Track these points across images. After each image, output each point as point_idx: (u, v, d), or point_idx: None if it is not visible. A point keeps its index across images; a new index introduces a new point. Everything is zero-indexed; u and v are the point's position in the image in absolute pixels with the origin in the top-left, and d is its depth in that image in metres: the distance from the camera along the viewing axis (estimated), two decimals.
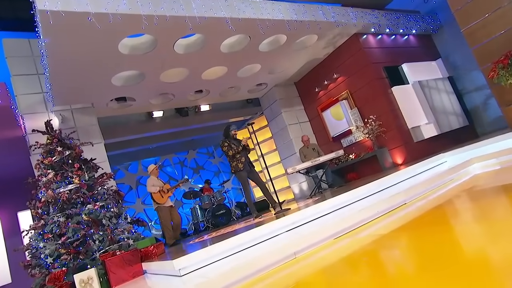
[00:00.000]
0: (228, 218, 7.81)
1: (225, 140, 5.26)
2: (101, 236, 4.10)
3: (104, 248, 4.10)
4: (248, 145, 5.27)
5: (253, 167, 5.32)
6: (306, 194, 8.48)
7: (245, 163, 5.15)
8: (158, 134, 8.77)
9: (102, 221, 4.23)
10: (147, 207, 9.49)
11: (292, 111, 8.99)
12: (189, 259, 2.88)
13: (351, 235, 3.30)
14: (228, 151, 5.13)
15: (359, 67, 7.41)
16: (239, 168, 5.12)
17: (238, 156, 5.16)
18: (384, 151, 7.14)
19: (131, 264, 4.06)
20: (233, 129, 5.35)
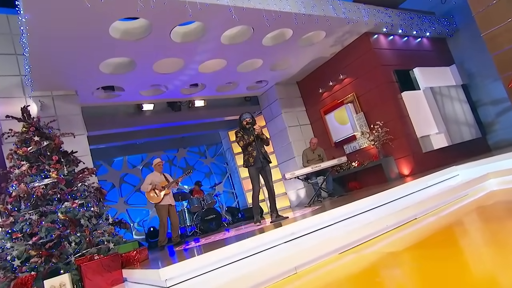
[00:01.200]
0: (218, 224, 7.67)
1: (238, 130, 4.93)
2: (78, 237, 3.92)
3: (81, 252, 3.93)
4: (262, 134, 4.88)
5: (269, 163, 4.92)
6: (303, 202, 8.36)
7: (257, 157, 4.79)
8: (147, 128, 8.62)
9: (80, 221, 4.06)
10: (130, 208, 9.28)
11: (293, 112, 8.90)
12: (177, 268, 2.73)
13: (356, 251, 3.17)
14: (239, 142, 4.84)
15: (367, 69, 7.34)
16: (249, 163, 4.82)
17: (250, 149, 4.84)
18: (390, 161, 7.06)
19: (110, 271, 3.89)
20: (245, 118, 4.91)
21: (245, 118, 4.93)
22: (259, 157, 4.78)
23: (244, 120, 4.93)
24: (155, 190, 5.81)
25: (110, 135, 8.30)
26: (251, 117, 4.98)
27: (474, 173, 4.94)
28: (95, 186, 4.68)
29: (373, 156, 7.40)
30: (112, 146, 9.16)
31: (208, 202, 7.93)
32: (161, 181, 5.91)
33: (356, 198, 5.58)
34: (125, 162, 9.60)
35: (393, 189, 4.42)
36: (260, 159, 4.78)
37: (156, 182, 5.89)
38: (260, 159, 4.78)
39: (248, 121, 4.91)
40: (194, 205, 7.81)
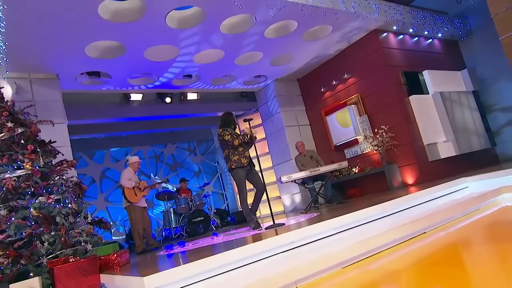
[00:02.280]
0: (206, 227, 7.55)
1: (226, 130, 4.93)
2: (52, 237, 3.73)
3: (54, 253, 3.73)
4: (256, 137, 4.97)
5: (254, 166, 4.98)
6: (299, 208, 8.28)
7: (249, 158, 4.87)
8: (134, 120, 8.45)
9: (56, 219, 3.86)
10: (110, 205, 9.06)
11: (292, 111, 8.82)
12: (164, 277, 2.58)
13: (360, 266, 3.06)
14: (234, 140, 4.79)
15: (374, 69, 7.28)
16: (241, 164, 4.79)
17: (241, 149, 4.87)
18: (394, 168, 7.01)
19: (87, 275, 3.69)
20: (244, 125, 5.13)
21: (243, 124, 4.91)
22: (250, 160, 4.86)
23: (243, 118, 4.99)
24: (135, 189, 5.66)
25: (93, 125, 8.12)
26: None
27: (484, 186, 4.89)
28: (74, 181, 4.49)
29: (376, 163, 7.33)
30: (94, 137, 8.95)
31: (196, 203, 7.79)
32: (136, 180, 5.76)
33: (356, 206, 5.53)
34: (108, 156, 9.39)
35: (399, 198, 4.34)
36: (249, 161, 4.87)
37: (135, 180, 5.75)
38: (249, 161, 4.87)
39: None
40: (181, 205, 7.64)
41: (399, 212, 4.28)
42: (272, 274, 2.82)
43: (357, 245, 3.32)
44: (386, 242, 3.26)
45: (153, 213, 9.39)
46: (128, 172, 5.83)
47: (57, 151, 4.47)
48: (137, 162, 5.98)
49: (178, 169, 10.25)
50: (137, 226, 5.67)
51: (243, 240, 4.13)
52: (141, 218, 5.72)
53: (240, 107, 9.34)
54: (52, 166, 4.25)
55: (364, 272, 2.93)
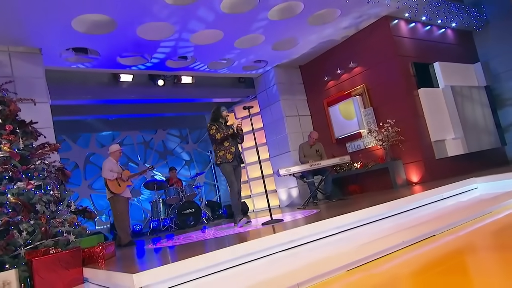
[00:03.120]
0: (197, 220, 7.51)
1: (213, 123, 5.12)
2: (31, 226, 3.60)
3: (34, 243, 3.60)
4: (241, 130, 5.10)
5: (241, 164, 5.16)
6: (295, 203, 8.24)
7: (235, 154, 5.02)
8: (123, 103, 8.30)
9: (36, 207, 3.73)
10: (94, 193, 8.93)
11: (292, 100, 8.73)
12: (155, 274, 2.48)
13: (367, 269, 2.98)
14: (216, 134, 4.98)
15: (382, 58, 7.18)
16: (227, 160, 4.97)
17: (227, 145, 5.02)
18: (398, 165, 6.97)
19: (68, 268, 3.59)
20: (225, 110, 5.22)
21: (224, 111, 5.18)
22: (236, 155, 5.01)
23: (225, 111, 5.19)
24: (118, 180, 5.54)
25: (78, 106, 7.96)
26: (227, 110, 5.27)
27: (495, 188, 4.85)
28: (57, 166, 4.34)
29: (379, 158, 7.29)
30: (79, 119, 8.78)
31: (187, 194, 7.72)
32: (119, 170, 5.65)
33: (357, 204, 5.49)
34: (93, 140, 9.22)
35: (406, 198, 4.29)
36: (236, 157, 5.02)
37: (117, 171, 5.62)
38: (236, 157, 5.02)
39: (227, 114, 5.20)
40: (171, 196, 7.58)
41: (405, 212, 4.24)
42: (272, 275, 2.73)
43: (363, 246, 3.24)
44: (393, 244, 3.18)
45: (141, 203, 9.29)
46: (109, 162, 5.73)
47: (39, 133, 4.32)
48: (117, 150, 5.81)
49: (168, 157, 10.13)
50: (122, 217, 5.57)
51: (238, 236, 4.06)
52: (126, 209, 5.63)
53: (237, 94, 9.25)
54: (33, 149, 4.11)
55: (371, 276, 2.85)
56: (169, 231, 7.38)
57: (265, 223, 4.58)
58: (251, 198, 9.45)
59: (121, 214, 5.58)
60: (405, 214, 4.23)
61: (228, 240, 3.89)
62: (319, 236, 3.53)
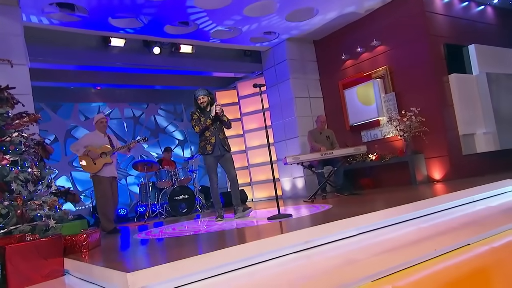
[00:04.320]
0: (191, 207, 7.44)
1: (194, 111, 5.09)
2: (5, 208, 3.45)
3: (7, 228, 3.45)
4: (222, 115, 5.01)
5: (228, 151, 5.12)
6: (300, 195, 8.17)
7: (216, 144, 5.00)
8: (112, 71, 8.18)
9: (11, 186, 3.57)
10: (75, 171, 8.81)
11: (304, 80, 8.59)
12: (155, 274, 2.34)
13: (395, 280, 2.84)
14: (195, 127, 5.03)
15: (410, 37, 6.99)
16: (206, 151, 5.00)
17: (208, 134, 5.02)
18: (419, 159, 6.88)
19: (47, 258, 3.47)
20: (200, 95, 5.03)
21: (199, 96, 5.02)
22: (218, 144, 4.99)
23: (198, 99, 5.02)
24: (89, 157, 5.35)
25: (61, 71, 7.83)
26: (207, 94, 5.07)
27: None
28: (36, 139, 4.15)
29: (398, 150, 7.18)
30: (61, 86, 8.60)
31: (181, 178, 7.62)
32: (103, 144, 5.49)
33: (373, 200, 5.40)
34: (76, 111, 9.05)
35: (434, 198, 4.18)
36: (219, 147, 4.99)
37: (96, 146, 5.43)
38: (219, 147, 4.99)
39: (203, 100, 5.01)
40: (163, 179, 7.47)
41: (430, 215, 4.12)
42: (284, 281, 2.59)
43: (389, 253, 3.10)
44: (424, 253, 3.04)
45: (128, 185, 9.19)
46: (88, 135, 5.60)
47: (16, 100, 4.11)
48: (100, 120, 5.56)
49: (160, 135, 10.05)
50: (102, 201, 5.40)
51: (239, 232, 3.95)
52: (109, 190, 5.43)
53: (241, 68, 9.12)
54: (9, 118, 3.92)
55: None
56: (158, 218, 7.29)
57: (272, 217, 4.45)
58: (250, 186, 9.37)
59: (102, 197, 5.40)
60: (429, 217, 4.11)
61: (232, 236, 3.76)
62: (336, 237, 3.40)
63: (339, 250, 3.28)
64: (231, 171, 5.11)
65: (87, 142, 5.45)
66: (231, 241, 3.46)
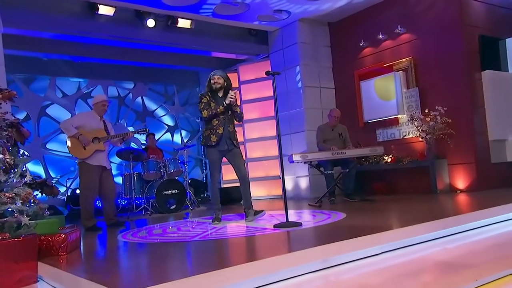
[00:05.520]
0: (181, 204, 7.33)
1: (204, 94, 4.94)
2: None
3: None
4: (235, 105, 4.92)
5: (236, 146, 5.01)
6: (303, 195, 8.12)
7: (223, 136, 4.87)
8: (97, 43, 8.01)
9: None
10: (49, 154, 8.62)
11: (315, 67, 8.47)
12: None
13: None
14: (202, 111, 4.88)
15: (441, 26, 6.85)
16: (210, 142, 4.86)
17: (215, 123, 4.87)
18: (442, 164, 6.80)
19: (18, 261, 3.25)
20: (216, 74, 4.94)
21: (214, 75, 4.92)
22: (225, 138, 4.86)
23: (213, 78, 4.90)
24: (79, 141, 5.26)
25: (38, 40, 7.62)
26: (224, 77, 4.95)
27: None
28: (10, 120, 3.92)
29: (418, 154, 7.09)
30: (37, 57, 8.41)
31: (170, 170, 7.47)
32: (97, 128, 5.44)
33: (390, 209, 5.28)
34: (52, 86, 8.85)
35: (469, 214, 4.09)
36: (226, 140, 4.86)
37: (89, 128, 5.37)
38: (226, 140, 4.86)
39: (217, 80, 4.88)
40: (150, 171, 7.33)
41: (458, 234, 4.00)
42: None
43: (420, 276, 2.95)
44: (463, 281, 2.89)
45: None
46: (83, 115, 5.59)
47: None
48: (101, 102, 5.53)
49: (147, 119, 9.95)
50: (86, 193, 5.35)
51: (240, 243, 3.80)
52: (97, 182, 5.35)
53: (244, 49, 8.97)
54: None
55: None
56: (143, 214, 7.17)
57: (279, 225, 4.29)
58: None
59: (86, 188, 5.34)
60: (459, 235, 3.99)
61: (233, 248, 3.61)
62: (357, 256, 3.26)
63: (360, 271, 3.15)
64: (241, 168, 5.00)
65: (80, 122, 5.40)
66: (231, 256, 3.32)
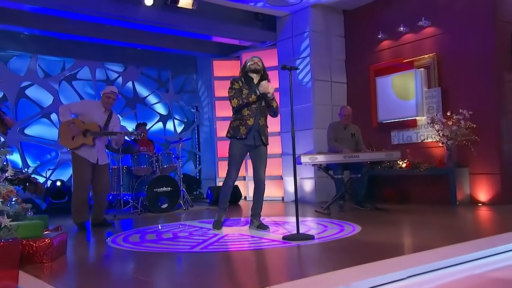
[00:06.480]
0: (173, 203, 7.31)
1: (237, 79, 4.81)
2: None
3: None
4: (273, 99, 4.80)
5: (265, 143, 4.85)
6: (306, 200, 8.05)
7: (253, 129, 4.69)
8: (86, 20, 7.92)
9: None
10: (27, 141, 8.51)
11: (326, 59, 8.40)
12: None
13: None
14: (232, 99, 4.70)
15: (470, 20, 6.76)
16: (238, 134, 4.69)
17: (246, 113, 4.69)
18: (463, 173, 6.74)
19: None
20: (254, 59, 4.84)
21: (251, 58, 4.86)
22: (255, 131, 4.71)
23: (251, 60, 4.84)
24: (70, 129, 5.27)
25: (18, 12, 7.52)
26: (262, 63, 4.88)
27: None
28: None
29: (437, 160, 7.02)
30: (17, 31, 8.31)
31: (163, 165, 7.42)
32: (95, 121, 5.46)
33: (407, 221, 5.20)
34: (34, 65, 8.75)
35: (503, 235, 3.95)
36: (255, 134, 4.72)
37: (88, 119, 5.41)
38: (255, 134, 4.72)
39: (256, 61, 4.82)
40: (141, 165, 7.27)
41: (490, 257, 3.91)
42: None
43: None
44: None
45: None
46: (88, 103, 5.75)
47: None
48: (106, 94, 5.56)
49: (138, 106, 9.91)
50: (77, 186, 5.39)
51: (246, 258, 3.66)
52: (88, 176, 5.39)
53: (249, 35, 8.94)
54: None
55: None
56: (131, 212, 7.10)
57: (289, 238, 4.18)
58: (245, 181, 9.27)
59: (77, 182, 5.40)
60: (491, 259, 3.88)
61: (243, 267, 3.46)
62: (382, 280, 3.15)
63: None
64: (260, 172, 4.84)
65: (81, 110, 5.48)
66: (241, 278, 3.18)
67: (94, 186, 5.51)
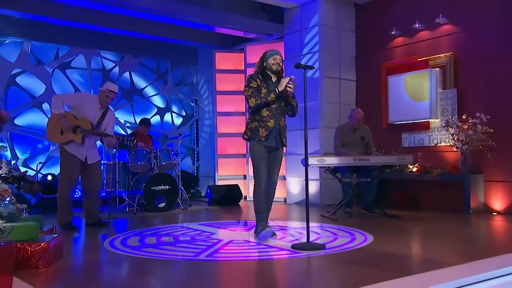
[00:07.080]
0: (171, 202, 7.29)
1: (254, 77, 4.68)
2: None
3: None
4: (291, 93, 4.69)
5: (284, 145, 4.84)
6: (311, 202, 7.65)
7: (274, 131, 4.64)
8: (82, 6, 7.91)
9: None
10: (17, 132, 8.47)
11: (335, 55, 8.37)
12: None
13: None
14: (249, 98, 4.59)
15: (491, 18, 6.72)
16: (259, 137, 4.59)
17: (266, 113, 4.61)
18: (478, 180, 6.73)
19: None
20: (274, 54, 4.70)
21: (272, 55, 4.72)
22: (275, 133, 4.68)
23: (273, 58, 4.70)
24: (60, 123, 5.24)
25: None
26: (281, 58, 4.81)
27: None
28: None
29: (451, 165, 6.99)
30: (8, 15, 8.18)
31: (162, 162, 7.38)
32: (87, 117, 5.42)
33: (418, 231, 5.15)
34: (25, 51, 8.68)
35: None
36: (275, 136, 4.69)
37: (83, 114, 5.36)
38: (275, 136, 4.69)
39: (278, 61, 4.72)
40: (138, 161, 7.21)
41: None
42: None
43: None
44: None
45: None
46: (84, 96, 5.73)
47: None
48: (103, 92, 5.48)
49: (135, 97, 9.87)
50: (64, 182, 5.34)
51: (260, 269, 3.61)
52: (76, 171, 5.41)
53: (254, 27, 8.91)
54: None
55: None
56: (127, 210, 7.06)
57: (298, 247, 4.14)
58: (245, 180, 9.28)
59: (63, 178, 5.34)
60: None
61: None
62: None
63: None
64: (273, 176, 4.81)
65: (74, 102, 5.46)
66: None
67: (84, 184, 5.49)
